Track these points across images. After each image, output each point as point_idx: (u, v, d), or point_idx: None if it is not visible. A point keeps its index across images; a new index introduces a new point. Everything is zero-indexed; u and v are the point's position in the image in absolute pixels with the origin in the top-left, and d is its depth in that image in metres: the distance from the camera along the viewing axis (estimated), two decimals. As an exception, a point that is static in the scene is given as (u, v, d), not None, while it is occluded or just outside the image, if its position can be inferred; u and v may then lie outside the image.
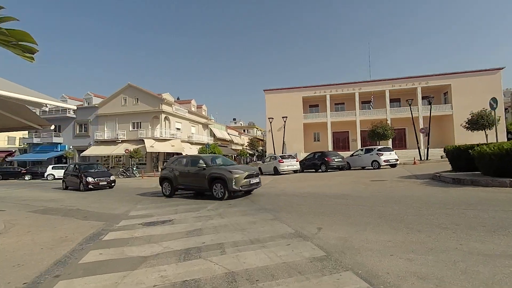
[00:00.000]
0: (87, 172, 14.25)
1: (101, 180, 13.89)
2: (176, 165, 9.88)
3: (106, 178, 14.22)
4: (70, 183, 14.93)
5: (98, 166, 16.33)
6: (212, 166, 8.88)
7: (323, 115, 35.69)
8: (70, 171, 15.38)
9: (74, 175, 14.46)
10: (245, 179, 8.30)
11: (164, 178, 9.94)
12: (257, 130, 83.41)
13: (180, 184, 9.48)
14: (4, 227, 5.98)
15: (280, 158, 18.03)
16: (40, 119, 6.52)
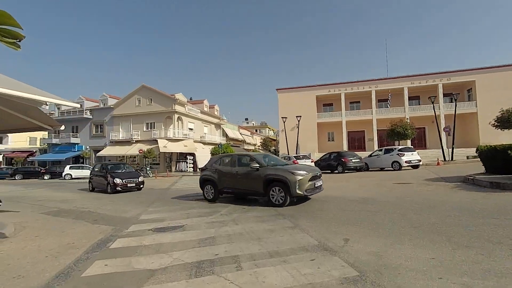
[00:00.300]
0: (114, 172, 12.96)
1: (129, 182, 12.56)
2: (219, 164, 8.65)
3: (134, 179, 12.84)
4: (97, 185, 13.73)
5: (126, 166, 14.77)
6: (267, 166, 7.51)
7: (337, 114, 34.72)
8: (97, 171, 14.15)
9: (101, 176, 13.26)
10: (309, 181, 7.02)
11: (205, 180, 8.77)
12: (269, 130, 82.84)
13: (227, 188, 8.23)
14: (14, 230, 5.83)
15: (294, 159, 17.46)
16: (51, 119, 6.36)
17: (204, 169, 9.16)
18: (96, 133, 35.48)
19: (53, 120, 6.42)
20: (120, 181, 12.31)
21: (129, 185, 12.57)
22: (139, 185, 12.98)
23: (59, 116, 37.09)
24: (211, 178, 8.55)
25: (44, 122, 6.30)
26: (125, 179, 12.52)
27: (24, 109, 5.54)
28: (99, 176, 13.52)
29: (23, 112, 5.79)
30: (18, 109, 5.47)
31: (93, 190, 14.04)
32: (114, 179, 12.28)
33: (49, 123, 6.41)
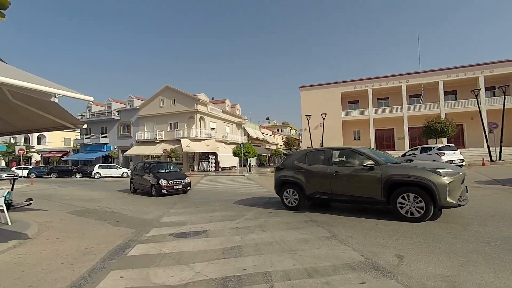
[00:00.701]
0: (158, 173, 11.47)
1: (175, 183, 10.86)
2: (305, 162, 6.69)
3: (180, 180, 11.13)
4: (139, 186, 12.13)
5: (169, 165, 13.03)
6: (386, 164, 5.51)
7: (364, 112, 32.97)
8: (138, 171, 12.57)
9: (144, 177, 11.76)
10: (462, 184, 5.11)
11: (285, 183, 6.95)
12: (291, 129, 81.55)
13: (320, 192, 6.21)
14: (37, 231, 5.72)
15: (320, 158, 16.53)
16: (74, 119, 6.23)
17: (281, 168, 7.34)
18: (123, 134, 36.76)
19: (76, 119, 6.28)
20: (166, 182, 10.59)
21: (176, 187, 10.84)
22: (185, 187, 11.22)
23: (90, 117, 38.97)
24: (295, 180, 6.70)
25: (67, 121, 6.20)
26: (171, 180, 10.77)
27: (48, 108, 5.43)
28: (141, 177, 11.97)
29: (47, 111, 5.69)
30: (43, 107, 5.37)
31: (134, 192, 12.49)
32: (159, 180, 10.55)
33: (72, 122, 6.29)
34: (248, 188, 12.50)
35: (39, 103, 5.56)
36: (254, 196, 9.54)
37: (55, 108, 5.55)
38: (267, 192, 10.59)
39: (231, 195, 10.18)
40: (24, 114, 6.49)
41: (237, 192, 11.28)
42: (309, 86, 35.90)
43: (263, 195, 10.00)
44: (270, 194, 9.97)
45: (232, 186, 13.91)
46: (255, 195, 9.89)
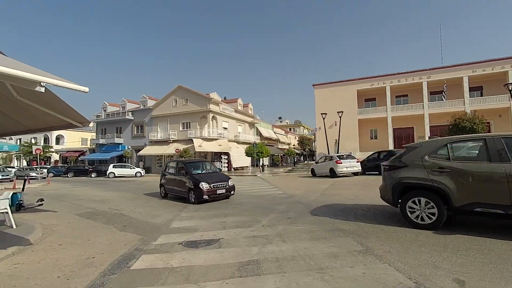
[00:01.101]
0: (197, 174, 9.39)
1: (218, 187, 8.76)
2: (454, 157, 4.59)
3: (224, 183, 8.98)
4: (172, 190, 10.06)
5: (206, 164, 10.83)
6: None
7: (382, 110, 31.59)
8: (171, 172, 10.32)
9: (178, 179, 9.60)
10: None
11: (412, 188, 4.83)
12: (304, 129, 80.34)
13: (485, 203, 4.12)
14: (41, 236, 5.39)
15: (337, 159, 15.74)
16: (80, 116, 5.92)
17: (398, 166, 5.08)
18: (137, 134, 37.10)
19: (83, 117, 5.96)
20: (207, 186, 8.49)
21: (219, 191, 8.74)
22: (229, 191, 9.11)
23: (105, 117, 39.63)
24: (431, 185, 4.54)
25: (74, 119, 5.97)
26: (213, 184, 8.68)
27: (54, 105, 5.04)
28: (174, 179, 9.84)
29: (53, 108, 5.46)
30: (48, 105, 5.05)
31: (165, 196, 10.41)
32: (199, 184, 8.47)
33: (79, 120, 6.04)
34: (262, 190, 11.93)
35: (43, 100, 5.30)
36: (268, 199, 8.96)
37: (61, 106, 5.30)
38: (282, 194, 9.98)
39: (244, 197, 9.63)
40: (32, 112, 6.28)
41: (251, 193, 10.73)
42: (323, 84, 34.86)
43: (278, 197, 9.39)
44: (285, 196, 9.36)
45: (245, 187, 13.38)
46: (269, 197, 9.31)
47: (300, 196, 9.28)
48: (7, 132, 8.61)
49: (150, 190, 13.89)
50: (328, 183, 13.27)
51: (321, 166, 17.28)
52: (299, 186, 12.72)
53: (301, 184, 13.90)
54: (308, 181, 15.11)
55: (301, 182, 15.05)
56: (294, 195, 9.62)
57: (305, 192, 10.43)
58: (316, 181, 14.64)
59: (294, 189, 11.68)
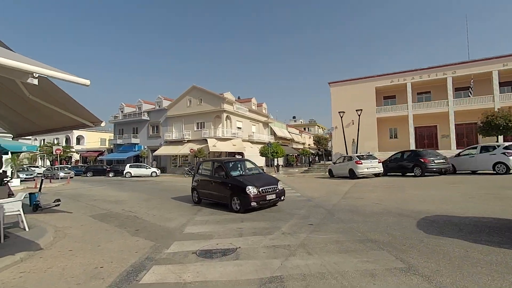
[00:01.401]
0: (241, 176, 7.92)
1: (268, 192, 7.20)
2: None
3: (273, 186, 7.43)
4: (208, 195, 8.50)
5: (246, 163, 9.12)
6: None
7: (402, 108, 30.17)
8: (206, 173, 8.88)
9: (216, 182, 8.08)
10: None
11: None
12: (319, 128, 78.90)
13: None
14: (52, 240, 5.20)
15: (357, 159, 14.97)
16: (92, 116, 5.74)
17: None
18: (152, 134, 37.59)
19: (95, 116, 5.78)
20: (255, 191, 6.94)
21: (268, 197, 7.17)
22: (279, 196, 7.52)
23: (122, 118, 40.48)
24: None
25: (86, 119, 5.81)
26: (262, 187, 7.12)
27: (66, 105, 4.93)
28: (211, 182, 8.33)
29: (65, 108, 5.35)
30: (60, 104, 4.95)
31: (199, 202, 8.93)
32: (246, 188, 6.91)
33: (91, 120, 5.88)
34: (279, 191, 11.43)
35: (55, 99, 5.21)
36: (286, 202, 8.47)
37: (73, 105, 5.18)
38: (300, 197, 9.45)
39: (261, 200, 9.20)
40: (45, 112, 6.20)
41: (267, 196, 10.28)
42: (340, 81, 33.82)
43: (297, 200, 8.88)
44: (304, 199, 8.83)
45: (260, 189, 12.95)
46: (287, 200, 8.81)
47: (320, 199, 8.72)
48: (25, 133, 8.66)
49: (165, 190, 13.77)
50: (348, 184, 12.57)
51: (340, 167, 16.53)
52: (317, 188, 12.12)
53: (319, 185, 13.29)
54: (326, 183, 14.46)
55: (319, 183, 14.42)
56: (314, 198, 9.07)
57: (325, 194, 9.84)
58: (335, 183, 13.97)
59: (313, 191, 11.11)
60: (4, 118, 8.48)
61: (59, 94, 4.79)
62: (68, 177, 24.51)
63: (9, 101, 6.53)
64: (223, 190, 7.77)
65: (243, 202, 7.03)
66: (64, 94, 4.73)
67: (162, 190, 13.88)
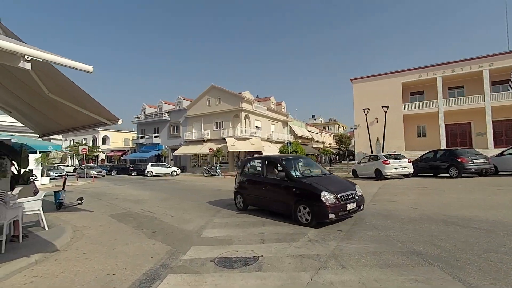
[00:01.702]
0: (309, 179, 6.17)
1: (348, 200, 5.61)
2: None
3: (352, 192, 5.85)
4: (261, 202, 6.94)
5: (309, 162, 7.59)
6: None
7: (431, 104, 28.25)
8: (255, 174, 7.46)
9: (273, 185, 6.47)
10: None
11: None
12: (339, 127, 76.72)
13: None
14: (69, 240, 5.07)
15: (384, 158, 14.00)
16: (110, 114, 5.63)
17: None
18: (173, 134, 38.24)
19: (112, 114, 5.68)
20: (333, 198, 5.36)
21: (349, 206, 5.51)
22: (359, 205, 5.86)
23: (144, 119, 41.62)
24: None
25: (104, 116, 5.77)
26: (340, 194, 5.52)
27: (84, 103, 4.94)
28: (265, 185, 6.66)
29: (83, 106, 5.12)
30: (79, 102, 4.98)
31: (245, 208, 7.31)
32: (322, 194, 5.34)
33: (109, 118, 5.81)
34: (301, 192, 10.87)
35: (73, 97, 5.22)
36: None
37: (90, 103, 5.13)
38: (325, 199, 8.84)
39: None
40: (66, 111, 6.21)
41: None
42: (363, 77, 32.41)
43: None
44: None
45: (281, 189, 12.45)
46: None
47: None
48: (50, 132, 8.83)
49: (184, 190, 13.70)
50: (376, 186, 11.73)
51: (365, 167, 15.60)
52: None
53: (343, 186, 12.53)
54: (350, 183, 13.65)
55: (343, 184, 13.64)
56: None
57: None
58: (360, 183, 13.05)
59: (337, 192, 10.44)
60: (30, 118, 8.70)
61: (77, 92, 4.74)
62: (93, 175, 25.39)
63: (31, 100, 6.59)
64: (282, 195, 6.11)
65: (316, 213, 5.29)
66: (82, 92, 4.67)
67: (181, 190, 13.81)
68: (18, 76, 5.03)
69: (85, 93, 4.72)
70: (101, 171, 29.31)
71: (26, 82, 5.32)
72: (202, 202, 9.26)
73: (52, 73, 4.34)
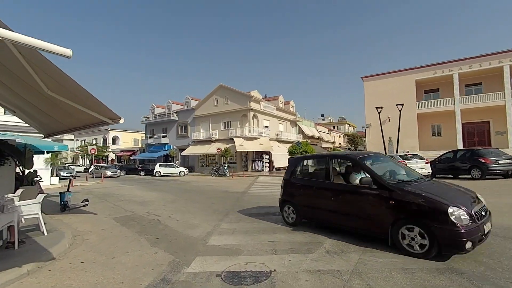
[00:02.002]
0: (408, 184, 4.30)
1: (483, 217, 3.71)
2: None
3: (483, 206, 4.00)
4: (319, 215, 5.22)
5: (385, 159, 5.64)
6: None
7: (447, 102, 27.17)
8: (314, 178, 5.64)
9: (347, 192, 4.75)
10: None
11: None
12: (349, 126, 75.37)
13: None
14: (67, 247, 4.76)
15: (400, 159, 13.32)
16: (111, 112, 5.30)
17: None
18: (181, 134, 38.20)
19: (113, 113, 5.36)
20: (466, 217, 3.47)
21: (486, 228, 3.63)
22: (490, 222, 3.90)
23: (153, 119, 41.76)
24: None
25: (104, 115, 5.44)
26: (473, 210, 3.68)
27: (85, 101, 4.70)
28: (332, 192, 4.91)
29: (84, 104, 4.89)
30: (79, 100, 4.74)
31: (297, 222, 5.61)
32: (449, 210, 3.50)
33: (110, 116, 5.48)
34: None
35: (74, 95, 4.65)
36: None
37: (92, 102, 4.87)
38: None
39: (293, 205, 8.25)
40: (67, 110, 5.96)
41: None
42: (374, 75, 31.52)
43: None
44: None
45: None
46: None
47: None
48: (54, 132, 8.63)
49: (191, 191, 13.39)
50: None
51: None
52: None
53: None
54: (364, 185, 13.03)
55: (356, 186, 13.03)
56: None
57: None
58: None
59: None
60: (34, 118, 8.51)
61: (76, 89, 4.53)
62: (115, 175, 25.02)
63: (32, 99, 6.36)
64: (368, 209, 4.31)
65: (442, 240, 3.46)
66: (82, 90, 4.24)
67: (188, 191, 13.50)
68: (16, 73, 4.77)
69: (85, 91, 4.45)
70: (116, 171, 28.89)
71: (24, 79, 5.06)
72: (209, 205, 8.88)
73: (50, 70, 4.09)
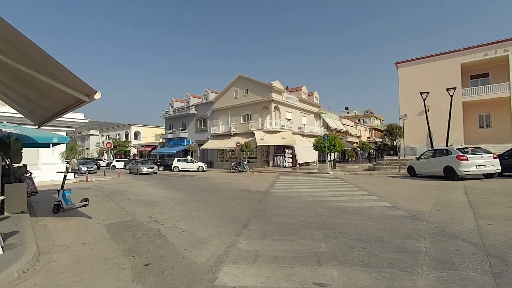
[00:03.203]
0: None
1: None
2: None
3: None
4: None
5: None
6: None
7: (501, 88, 23.45)
8: None
9: None
10: None
11: None
12: (376, 119, 70.88)
13: None
14: (17, 277, 3.26)
15: (459, 153, 10.83)
16: (84, 84, 4.00)
17: None
18: (199, 128, 37.17)
19: (89, 87, 4.07)
20: None
21: None
22: None
23: (172, 113, 41.16)
24: None
25: (77, 90, 4.24)
26: None
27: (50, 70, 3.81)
28: None
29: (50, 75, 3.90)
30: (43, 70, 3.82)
31: None
32: None
33: (84, 92, 4.17)
34: (351, 198, 8.35)
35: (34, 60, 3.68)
36: (374, 218, 5.47)
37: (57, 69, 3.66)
38: (395, 210, 6.27)
39: (333, 211, 6.35)
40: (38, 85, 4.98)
41: (337, 204, 7.36)
42: (410, 60, 28.19)
43: (390, 215, 5.75)
44: (406, 216, 5.64)
45: (322, 191, 10.02)
46: (374, 216, 5.79)
47: (436, 218, 5.45)
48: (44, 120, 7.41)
49: (207, 190, 11.88)
50: (454, 189, 8.79)
51: (428, 164, 12.48)
52: (410, 193, 8.66)
53: (407, 189, 9.70)
54: (414, 185, 10.74)
55: (403, 186, 10.77)
56: (420, 213, 5.83)
57: (435, 207, 6.47)
58: (428, 185, 10.23)
59: (407, 199, 7.76)
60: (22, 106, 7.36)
61: (38, 54, 3.34)
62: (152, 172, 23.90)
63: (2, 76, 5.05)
64: None
65: None
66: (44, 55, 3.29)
67: (204, 189, 12.00)
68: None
69: (49, 56, 3.31)
70: (152, 166, 24.68)
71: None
72: (225, 209, 7.23)
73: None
